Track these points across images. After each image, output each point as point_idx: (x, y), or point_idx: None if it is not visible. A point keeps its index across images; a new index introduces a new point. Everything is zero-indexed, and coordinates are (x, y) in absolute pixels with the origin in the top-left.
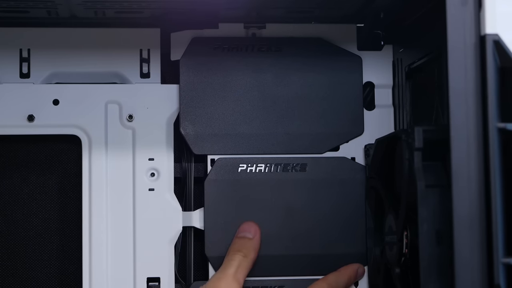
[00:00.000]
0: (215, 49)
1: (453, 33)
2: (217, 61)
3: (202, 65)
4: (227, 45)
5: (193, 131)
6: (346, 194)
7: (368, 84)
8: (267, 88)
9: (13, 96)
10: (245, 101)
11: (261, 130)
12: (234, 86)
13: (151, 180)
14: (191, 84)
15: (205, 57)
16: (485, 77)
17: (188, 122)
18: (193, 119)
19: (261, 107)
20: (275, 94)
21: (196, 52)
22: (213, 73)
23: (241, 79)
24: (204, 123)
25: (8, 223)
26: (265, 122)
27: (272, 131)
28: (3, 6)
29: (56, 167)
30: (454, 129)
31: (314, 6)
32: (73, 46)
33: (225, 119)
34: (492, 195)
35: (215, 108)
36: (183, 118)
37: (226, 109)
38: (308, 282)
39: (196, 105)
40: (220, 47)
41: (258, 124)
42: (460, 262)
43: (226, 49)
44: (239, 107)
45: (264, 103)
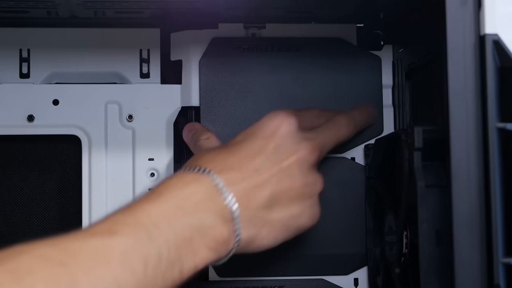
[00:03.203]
0: (235, 50)
1: (453, 33)
2: (237, 61)
3: (221, 65)
4: (246, 45)
5: (213, 131)
6: (346, 194)
7: None
8: (286, 88)
9: (13, 96)
10: (265, 101)
11: None
12: (253, 86)
13: (151, 180)
14: (210, 84)
15: (225, 57)
16: (484, 77)
17: (208, 122)
18: (213, 119)
19: (281, 107)
20: (294, 94)
21: (215, 53)
22: (233, 73)
23: (261, 79)
24: (224, 123)
25: (8, 223)
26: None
27: None
28: (3, 6)
29: (56, 167)
30: (454, 129)
31: (313, 6)
32: (73, 46)
33: (245, 119)
34: (492, 195)
35: (235, 108)
36: (203, 118)
37: (246, 109)
38: (308, 282)
39: (216, 105)
40: (240, 47)
41: None
42: (460, 262)
43: (246, 49)
44: (258, 107)
45: (284, 103)
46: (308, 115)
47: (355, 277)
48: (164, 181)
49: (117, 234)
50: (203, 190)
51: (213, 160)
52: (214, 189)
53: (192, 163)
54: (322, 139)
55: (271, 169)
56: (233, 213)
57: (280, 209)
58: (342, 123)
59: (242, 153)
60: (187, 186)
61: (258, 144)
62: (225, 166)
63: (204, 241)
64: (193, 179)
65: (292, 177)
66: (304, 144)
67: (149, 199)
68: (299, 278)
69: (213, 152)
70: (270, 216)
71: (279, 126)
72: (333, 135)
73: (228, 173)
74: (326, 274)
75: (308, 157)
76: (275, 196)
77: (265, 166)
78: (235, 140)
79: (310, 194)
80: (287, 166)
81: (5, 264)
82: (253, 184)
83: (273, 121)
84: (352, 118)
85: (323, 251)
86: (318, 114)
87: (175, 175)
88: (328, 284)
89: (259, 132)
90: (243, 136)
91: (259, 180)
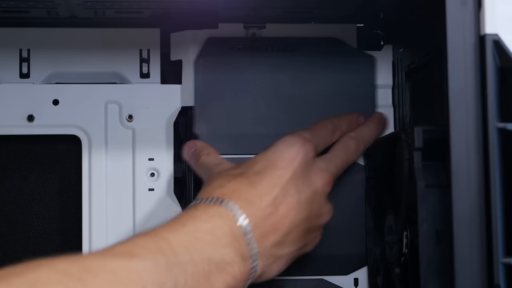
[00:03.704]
0: (230, 49)
1: (453, 33)
2: (232, 62)
3: (217, 65)
4: (242, 45)
5: (207, 132)
6: (346, 194)
7: None
8: (282, 88)
9: (13, 96)
10: (260, 102)
11: (275, 130)
12: (248, 87)
13: (151, 180)
14: (205, 84)
15: (220, 57)
16: (484, 77)
17: (202, 123)
18: (207, 120)
19: (277, 107)
20: (290, 94)
21: (211, 53)
22: (227, 73)
23: (256, 79)
24: (218, 124)
25: (8, 223)
26: (280, 122)
27: (288, 131)
28: (3, 6)
29: (56, 167)
30: (454, 129)
31: (313, 6)
32: (73, 46)
33: (240, 119)
34: (492, 195)
35: (230, 109)
36: (197, 119)
37: (240, 110)
38: (308, 282)
39: (211, 105)
40: (235, 47)
41: (272, 124)
42: (460, 262)
43: (241, 49)
44: (254, 108)
45: (280, 103)
46: (322, 133)
47: (355, 277)
48: (188, 210)
49: (137, 258)
50: (226, 226)
51: (235, 192)
52: (236, 227)
53: (214, 192)
54: (335, 168)
55: (290, 202)
56: (252, 252)
57: (291, 244)
58: (353, 148)
59: (262, 185)
60: (211, 220)
61: (277, 176)
62: (247, 200)
63: (221, 276)
64: (217, 213)
65: (307, 210)
66: (319, 177)
67: (172, 227)
68: (299, 278)
69: (234, 181)
70: (281, 252)
71: (296, 156)
72: (344, 162)
73: (250, 209)
74: (326, 274)
75: (324, 189)
76: (290, 231)
77: (284, 200)
78: (254, 169)
79: (320, 225)
80: (304, 199)
81: (25, 275)
82: (272, 222)
83: (291, 150)
84: (361, 140)
85: (323, 251)
86: (332, 128)
87: (199, 206)
88: (328, 284)
89: (278, 162)
90: (262, 165)
91: (277, 216)
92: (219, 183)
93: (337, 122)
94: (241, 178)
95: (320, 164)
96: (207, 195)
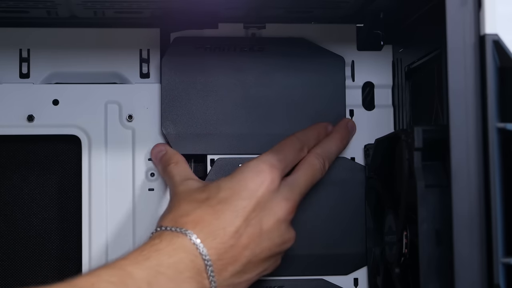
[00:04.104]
0: (197, 49)
1: (453, 33)
2: (199, 61)
3: (184, 65)
4: (209, 45)
5: (174, 131)
6: (346, 194)
7: (367, 84)
8: (249, 88)
9: (13, 96)
10: (227, 101)
11: (244, 130)
12: (216, 86)
13: (151, 180)
14: (172, 83)
15: (187, 57)
16: (484, 77)
17: (169, 122)
18: (174, 119)
19: (244, 107)
20: (257, 94)
21: (178, 52)
22: (195, 72)
23: (224, 79)
24: (186, 123)
25: (8, 223)
26: (247, 122)
27: (255, 131)
28: (3, 6)
29: (56, 167)
30: (454, 129)
31: (313, 6)
32: (73, 46)
33: (207, 119)
34: (491, 195)
35: (197, 108)
36: (164, 118)
37: (208, 109)
38: (308, 282)
39: (178, 104)
40: (202, 47)
41: (240, 124)
42: (460, 262)
43: (208, 49)
44: (221, 107)
45: (247, 103)
46: (290, 154)
47: (355, 277)
48: (154, 241)
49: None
50: (188, 260)
51: (199, 222)
52: (199, 261)
53: (179, 220)
54: (299, 195)
55: (251, 234)
56: (212, 285)
57: (250, 271)
58: (318, 168)
59: (226, 215)
60: (174, 253)
61: (241, 206)
62: (210, 232)
63: None
64: (181, 247)
65: (269, 240)
66: (283, 205)
67: (136, 260)
68: (299, 278)
69: (199, 209)
70: (240, 280)
71: (261, 186)
72: (309, 183)
73: (212, 242)
74: (326, 274)
75: (287, 217)
76: (250, 261)
77: (245, 231)
78: (219, 196)
79: (281, 251)
80: (266, 229)
81: None
82: (233, 254)
83: (256, 180)
84: (327, 157)
85: (323, 251)
86: (300, 146)
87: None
88: (328, 284)
89: (242, 192)
90: (227, 193)
91: (238, 248)
92: (183, 210)
93: (304, 138)
94: (206, 207)
95: (283, 192)
96: (173, 223)
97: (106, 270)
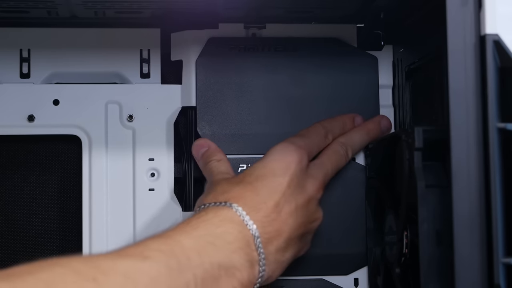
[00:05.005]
0: (232, 50)
1: (453, 33)
2: (233, 62)
3: (218, 65)
4: (243, 46)
5: (209, 131)
6: (346, 194)
7: None
8: (282, 88)
9: (13, 96)
10: (262, 101)
11: (277, 130)
12: (249, 87)
13: (151, 180)
14: (207, 84)
15: (222, 58)
16: (485, 77)
17: (204, 122)
18: (209, 119)
19: (278, 107)
20: (291, 94)
21: (212, 53)
22: (229, 73)
23: (257, 79)
24: (220, 123)
25: (8, 223)
26: (280, 123)
27: (289, 131)
28: (3, 6)
29: (56, 167)
30: (454, 129)
31: (314, 6)
32: (73, 46)
33: (241, 119)
34: (492, 195)
35: (231, 108)
36: (199, 118)
37: (242, 109)
38: (308, 282)
39: (213, 105)
40: (237, 48)
41: (273, 124)
42: (460, 262)
43: (242, 50)
44: (255, 107)
45: (281, 103)
46: (315, 139)
47: (355, 277)
48: (199, 213)
49: (149, 259)
50: (236, 231)
51: (241, 198)
52: (246, 232)
53: (220, 196)
54: (325, 175)
55: (289, 209)
56: (260, 257)
57: (291, 249)
58: (341, 155)
59: (265, 191)
60: (222, 224)
61: (277, 183)
62: (252, 206)
63: (230, 281)
64: (228, 218)
65: (303, 216)
66: (312, 183)
67: (184, 230)
68: (299, 278)
69: (238, 186)
70: (283, 257)
71: (291, 164)
72: (334, 168)
73: (256, 215)
74: (326, 274)
75: (316, 195)
76: (290, 237)
77: (284, 206)
78: (255, 174)
79: (313, 229)
80: (301, 205)
81: (39, 274)
82: (275, 228)
83: (286, 158)
84: (350, 146)
85: (323, 251)
86: (324, 133)
87: (210, 210)
88: (328, 284)
89: (275, 170)
90: (261, 172)
91: (280, 221)
92: (223, 189)
93: (329, 126)
94: (244, 184)
95: (312, 171)
96: (214, 199)
97: (155, 239)
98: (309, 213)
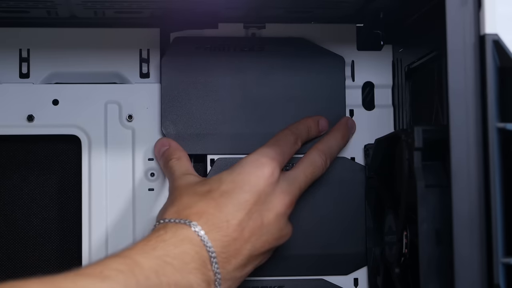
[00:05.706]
0: (197, 49)
1: (453, 33)
2: (199, 61)
3: (184, 65)
4: (209, 45)
5: (174, 131)
6: (346, 194)
7: (367, 84)
8: (249, 88)
9: (13, 96)
10: (227, 101)
11: (244, 130)
12: (216, 86)
13: (151, 180)
14: (172, 83)
15: (187, 57)
16: (484, 77)
17: (169, 122)
18: (174, 119)
19: (244, 107)
20: (257, 94)
21: (178, 52)
22: (195, 72)
23: (224, 79)
24: (186, 123)
25: (8, 223)
26: (247, 122)
27: (255, 131)
28: (3, 6)
29: (56, 167)
30: (454, 129)
31: (313, 6)
32: (73, 46)
33: (207, 119)
34: (492, 195)
35: (197, 108)
36: (164, 118)
37: (208, 109)
38: (308, 282)
39: (178, 104)
40: (202, 47)
41: (239, 124)
42: (460, 262)
43: (208, 49)
44: (221, 107)
45: (247, 103)
46: (286, 147)
47: (355, 277)
48: (159, 232)
49: (109, 279)
50: (194, 252)
51: (203, 215)
52: (204, 252)
53: (182, 212)
54: (298, 190)
55: (253, 227)
56: (217, 277)
57: (251, 265)
58: (319, 164)
59: (229, 208)
60: (180, 245)
61: (243, 199)
62: (214, 224)
63: None
64: (186, 238)
65: (269, 233)
66: (281, 199)
67: (143, 250)
68: (299, 278)
69: (201, 202)
70: (241, 274)
71: (262, 178)
72: (309, 179)
73: (216, 234)
74: (326, 274)
75: (286, 211)
76: (251, 255)
77: (248, 225)
78: (221, 189)
79: (278, 245)
80: (267, 223)
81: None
82: (236, 247)
83: (256, 173)
84: (329, 154)
85: (323, 251)
86: (294, 139)
87: (169, 228)
88: (328, 284)
89: (243, 185)
90: (228, 186)
91: (241, 240)
92: (186, 203)
93: (297, 131)
94: (208, 200)
95: (283, 186)
96: (176, 215)
97: (114, 259)
98: (276, 230)
